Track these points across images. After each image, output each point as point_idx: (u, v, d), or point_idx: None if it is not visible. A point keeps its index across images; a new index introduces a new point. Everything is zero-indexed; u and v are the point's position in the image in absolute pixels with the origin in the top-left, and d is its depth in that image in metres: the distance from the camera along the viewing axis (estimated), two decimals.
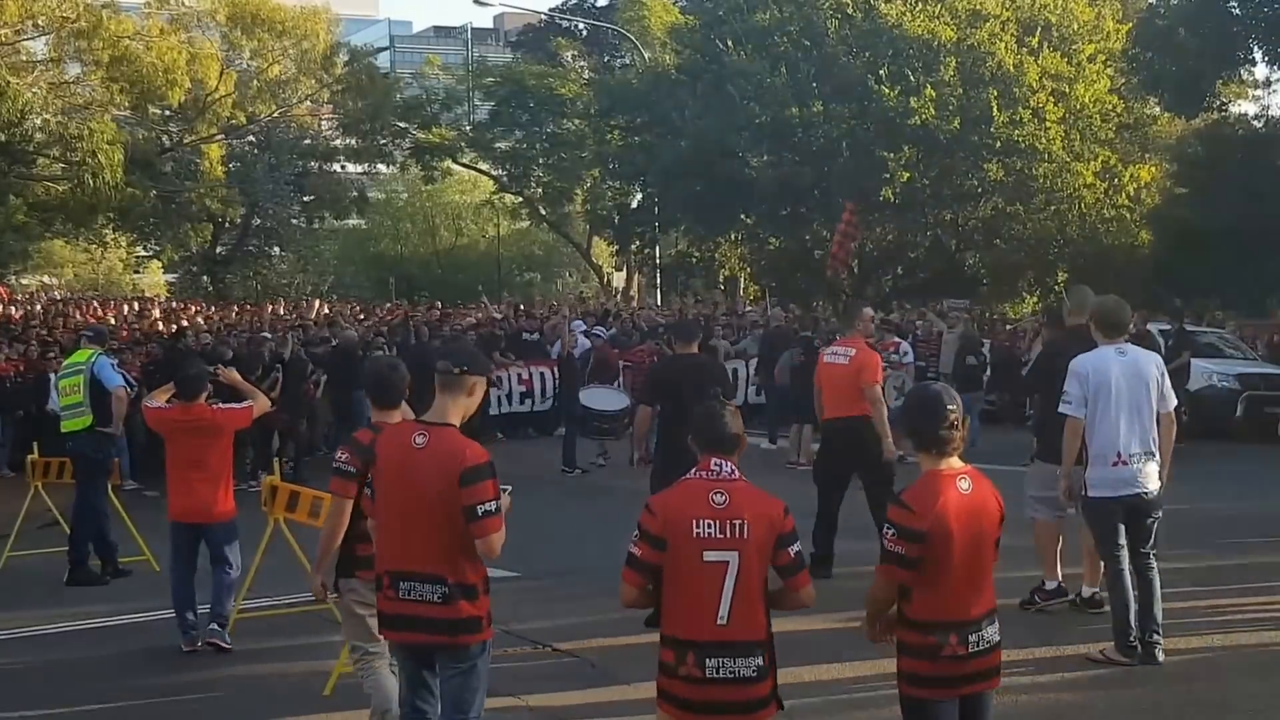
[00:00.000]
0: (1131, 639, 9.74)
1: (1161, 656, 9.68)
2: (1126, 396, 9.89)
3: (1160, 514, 10.00)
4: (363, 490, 7.76)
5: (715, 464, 6.21)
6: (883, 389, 13.95)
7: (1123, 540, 9.90)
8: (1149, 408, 9.94)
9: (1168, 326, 25.76)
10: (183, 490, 11.14)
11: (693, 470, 6.27)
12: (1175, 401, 10.25)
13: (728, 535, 6.03)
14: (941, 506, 6.08)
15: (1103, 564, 10.19)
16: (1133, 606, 9.76)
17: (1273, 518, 15.24)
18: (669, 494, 6.27)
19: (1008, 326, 33.80)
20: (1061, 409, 10.10)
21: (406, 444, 6.76)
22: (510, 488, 6.97)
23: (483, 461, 6.62)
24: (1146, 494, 9.89)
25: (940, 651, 6.11)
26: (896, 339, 24.79)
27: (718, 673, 5.99)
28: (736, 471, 6.21)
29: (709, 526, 6.02)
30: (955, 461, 6.23)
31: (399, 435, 6.90)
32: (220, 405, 11.82)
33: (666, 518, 6.07)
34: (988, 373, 25.75)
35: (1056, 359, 12.39)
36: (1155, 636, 9.75)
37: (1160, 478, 9.99)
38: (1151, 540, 9.96)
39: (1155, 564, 9.94)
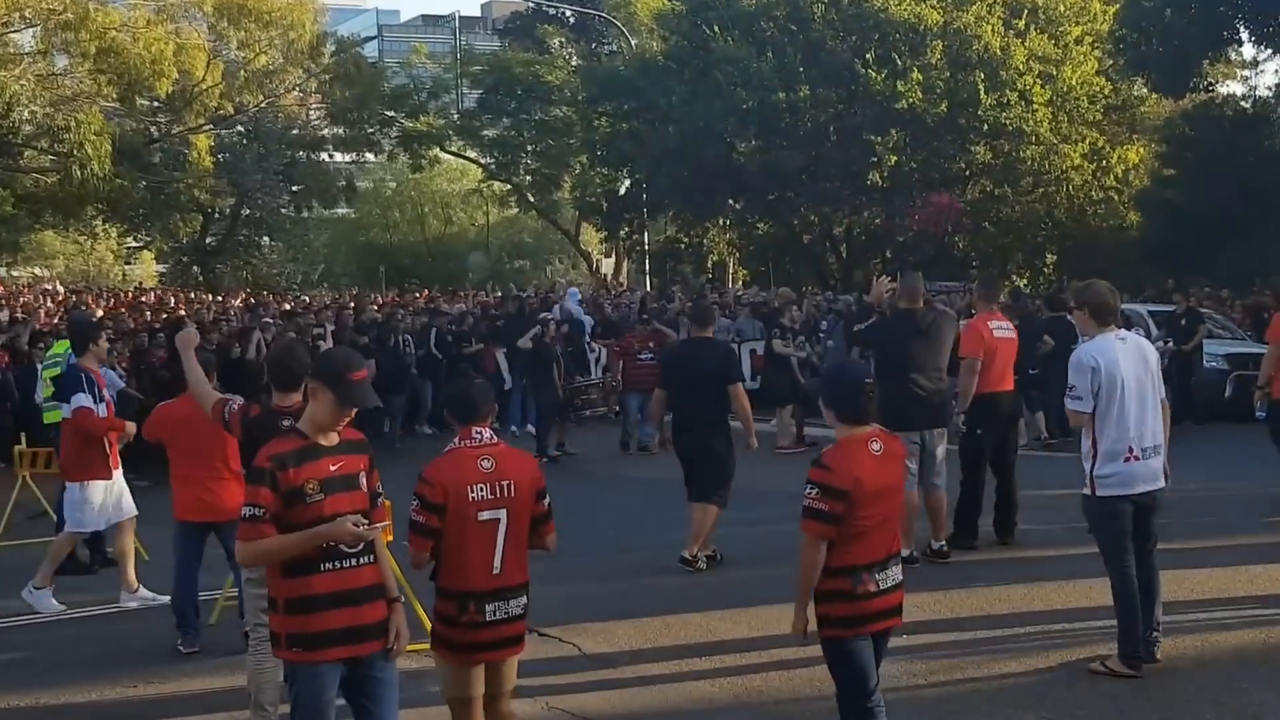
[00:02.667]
0: (1138, 650, 9.15)
1: (1159, 655, 9.23)
2: (1134, 386, 9.18)
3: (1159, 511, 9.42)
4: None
5: (476, 433, 6.99)
6: None
7: (1130, 542, 9.22)
8: (1155, 397, 9.29)
9: (1172, 308, 25.62)
10: (194, 488, 10.67)
11: (457, 440, 7.01)
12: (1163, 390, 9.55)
13: (498, 495, 6.85)
14: (859, 467, 6.79)
15: (1109, 572, 9.34)
16: (1138, 621, 9.16)
17: (1261, 497, 15.22)
18: (442, 465, 6.92)
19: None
20: (1068, 404, 9.43)
21: None
22: (386, 524, 7.12)
23: (254, 465, 6.47)
24: (1158, 490, 9.26)
25: (855, 590, 6.79)
26: None
27: (495, 615, 6.88)
28: (495, 437, 7.04)
29: (481, 490, 6.82)
30: (867, 427, 6.99)
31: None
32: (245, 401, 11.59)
33: (445, 486, 6.80)
34: None
35: (877, 333, 13.52)
36: (1155, 634, 9.25)
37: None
38: (1153, 539, 9.36)
39: (1155, 562, 9.36)
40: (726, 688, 9.39)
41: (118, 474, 12.57)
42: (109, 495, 12.49)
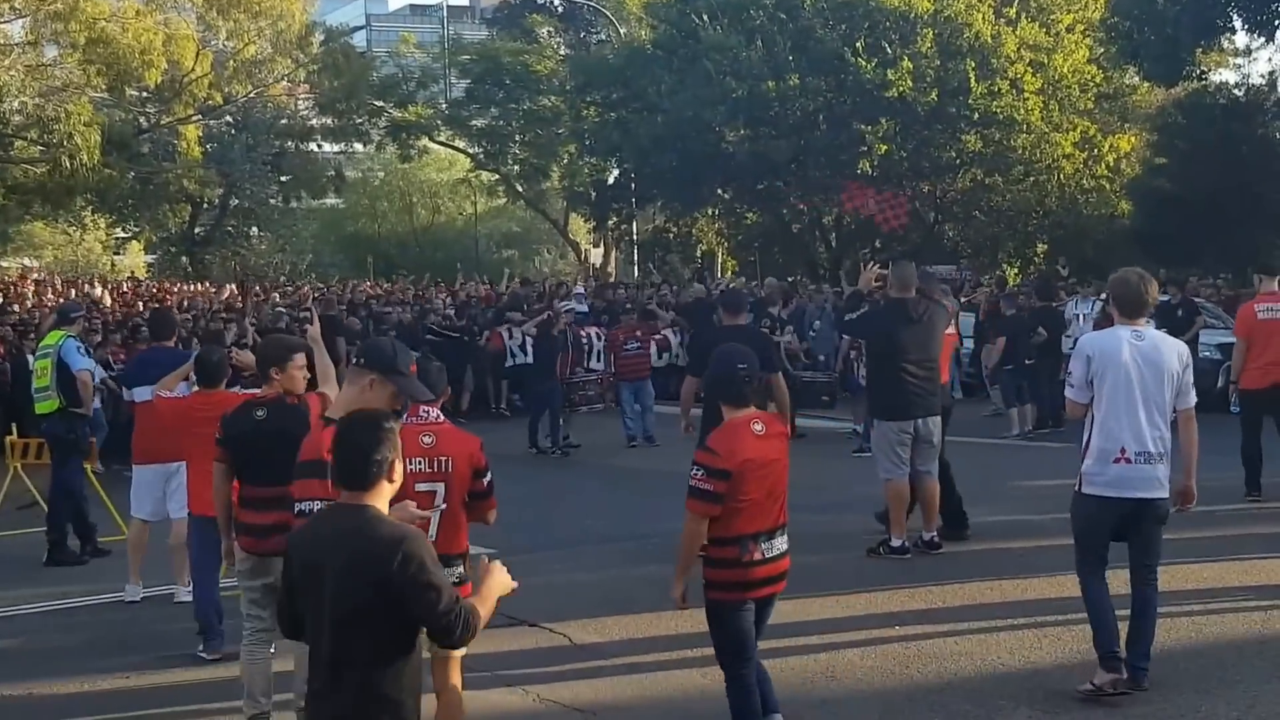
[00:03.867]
0: (1117, 653, 8.57)
1: (1147, 684, 8.58)
2: (1137, 387, 8.51)
3: (1165, 523, 8.82)
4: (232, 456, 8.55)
5: (423, 411, 7.39)
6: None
7: (1106, 549, 8.75)
8: (1162, 403, 8.56)
9: (1165, 297, 25.47)
10: (207, 483, 10.00)
11: (405, 415, 7.33)
12: (1195, 399, 8.78)
13: (435, 470, 7.22)
14: (741, 448, 7.31)
15: (1078, 576, 8.90)
16: (1113, 622, 8.64)
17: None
18: None
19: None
20: (1065, 391, 9.00)
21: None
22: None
23: (308, 459, 6.50)
24: (1153, 499, 8.59)
25: (740, 559, 7.37)
26: None
27: None
28: (441, 416, 7.47)
29: (420, 463, 7.12)
30: (750, 409, 7.54)
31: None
32: (243, 391, 11.43)
33: None
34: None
35: (868, 323, 13.40)
36: (1145, 664, 8.59)
37: (1176, 483, 8.74)
38: (1155, 552, 8.75)
39: (1157, 581, 8.81)
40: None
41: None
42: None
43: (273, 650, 8.67)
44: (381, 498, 5.26)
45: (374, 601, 4.99)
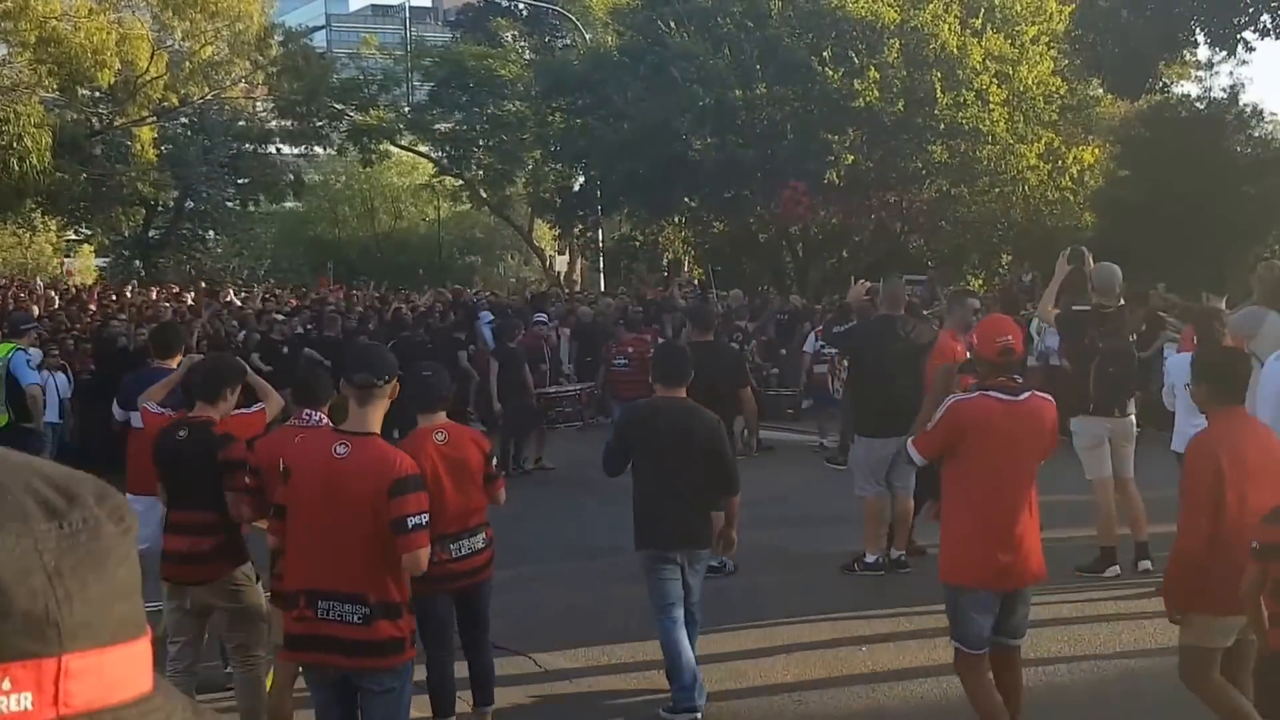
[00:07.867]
0: None
1: None
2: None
3: None
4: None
5: (305, 414, 8.29)
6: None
7: None
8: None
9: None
10: None
11: (290, 419, 8.38)
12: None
13: None
14: (425, 457, 7.75)
15: None
16: None
17: None
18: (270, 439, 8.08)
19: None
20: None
21: (327, 453, 6.54)
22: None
23: (414, 473, 6.54)
24: None
25: (436, 557, 7.61)
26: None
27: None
28: (323, 418, 8.22)
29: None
30: (440, 418, 8.25)
31: (318, 443, 6.73)
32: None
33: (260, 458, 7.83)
34: None
35: (856, 338, 13.68)
36: None
37: None
38: None
39: None
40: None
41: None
42: None
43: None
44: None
45: (709, 454, 8.42)
